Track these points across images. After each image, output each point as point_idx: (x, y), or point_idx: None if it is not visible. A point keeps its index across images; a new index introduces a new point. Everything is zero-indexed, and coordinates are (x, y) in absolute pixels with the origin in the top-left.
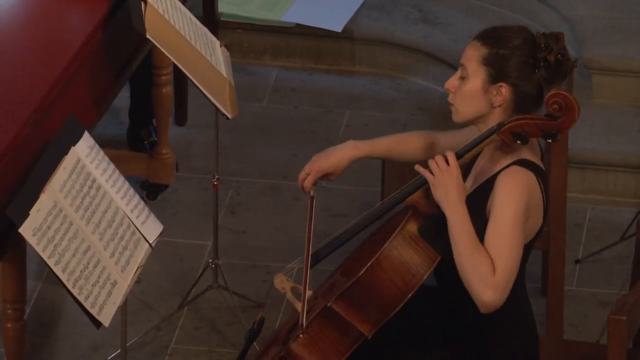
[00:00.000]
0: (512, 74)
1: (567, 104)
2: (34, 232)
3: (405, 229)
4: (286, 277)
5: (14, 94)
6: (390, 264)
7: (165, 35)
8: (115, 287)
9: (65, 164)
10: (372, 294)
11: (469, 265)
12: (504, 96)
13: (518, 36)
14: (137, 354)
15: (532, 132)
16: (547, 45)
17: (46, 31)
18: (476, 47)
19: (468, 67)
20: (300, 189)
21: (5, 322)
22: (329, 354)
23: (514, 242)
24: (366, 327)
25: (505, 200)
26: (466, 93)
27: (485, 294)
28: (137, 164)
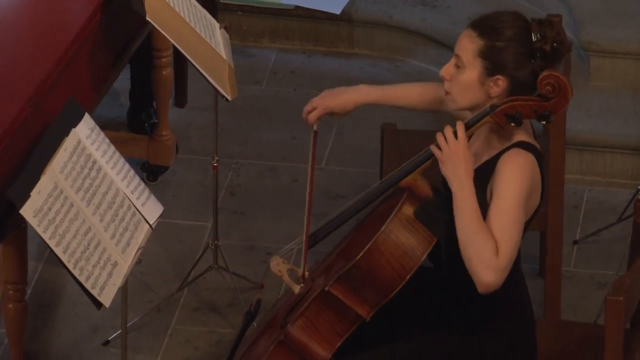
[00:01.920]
0: (509, 66)
1: (560, 85)
2: (35, 214)
3: (402, 212)
4: (282, 259)
5: (14, 75)
6: (388, 247)
7: (164, 17)
8: (116, 268)
9: (65, 145)
10: (369, 277)
11: (472, 244)
12: (501, 87)
13: (513, 26)
14: (137, 335)
15: (525, 114)
16: (543, 35)
17: (46, 13)
18: (471, 39)
19: (463, 58)
20: (305, 120)
21: (6, 302)
22: (327, 336)
23: (517, 223)
24: (364, 309)
25: (510, 181)
26: (462, 83)
27: (487, 276)
28: (137, 145)
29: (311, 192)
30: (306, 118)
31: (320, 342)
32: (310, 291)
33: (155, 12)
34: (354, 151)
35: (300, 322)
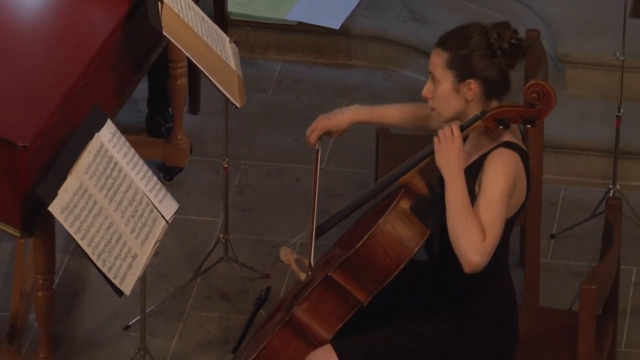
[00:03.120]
0: (476, 69)
1: (544, 93)
2: (62, 210)
3: (399, 206)
4: (290, 250)
5: (44, 85)
6: (385, 237)
7: (179, 32)
8: (135, 260)
9: (90, 148)
10: (368, 265)
11: (461, 227)
12: (474, 90)
13: (473, 34)
14: (154, 320)
15: (513, 118)
16: (500, 35)
17: (73, 28)
18: (438, 54)
19: (436, 73)
20: (307, 141)
21: (36, 291)
22: (329, 318)
23: (501, 213)
24: (362, 294)
25: (495, 176)
26: (441, 96)
27: (473, 256)
28: (154, 148)
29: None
30: (308, 139)
31: (322, 323)
32: (314, 278)
33: (171, 27)
34: (352, 153)
35: (304, 305)
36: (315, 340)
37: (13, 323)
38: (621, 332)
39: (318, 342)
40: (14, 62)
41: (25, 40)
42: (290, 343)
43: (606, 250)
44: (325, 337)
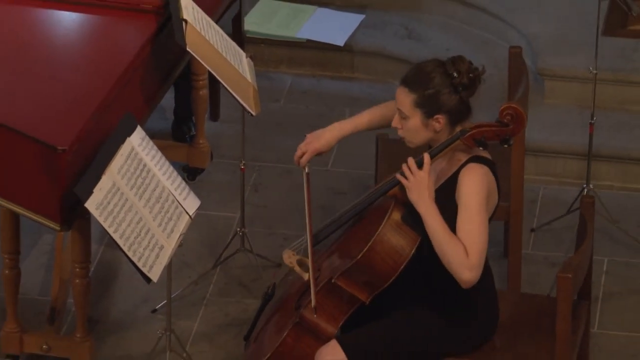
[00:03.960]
0: (442, 106)
1: (517, 114)
2: (97, 207)
3: (392, 218)
4: (292, 251)
5: (81, 95)
6: (382, 247)
7: (202, 48)
8: (162, 250)
9: (122, 151)
10: (368, 272)
11: (447, 253)
12: (442, 123)
13: (434, 72)
14: (179, 304)
15: (490, 137)
16: (459, 71)
17: (107, 45)
18: (405, 94)
19: (404, 110)
20: (297, 164)
21: (74, 278)
22: (334, 315)
23: (482, 225)
24: (364, 295)
25: (470, 191)
26: (410, 130)
27: (464, 274)
28: (179, 151)
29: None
30: (298, 162)
31: (328, 320)
32: (318, 279)
33: (194, 44)
34: (354, 156)
35: (311, 306)
36: (323, 335)
37: (53, 307)
38: (594, 315)
39: (325, 336)
40: (55, 75)
41: (65, 55)
42: (302, 340)
43: (580, 242)
44: (331, 332)
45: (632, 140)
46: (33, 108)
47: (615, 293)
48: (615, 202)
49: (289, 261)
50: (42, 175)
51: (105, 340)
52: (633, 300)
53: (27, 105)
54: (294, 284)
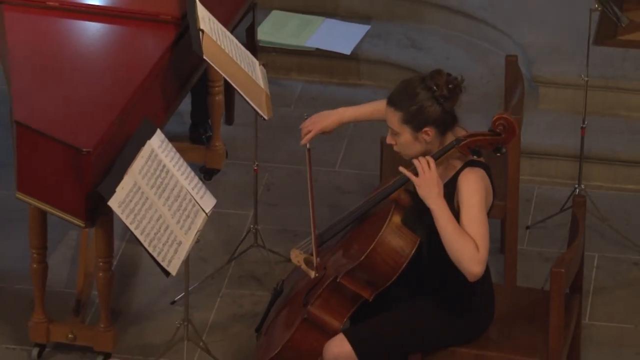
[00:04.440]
0: (428, 118)
1: (509, 124)
2: (119, 205)
3: (392, 221)
4: (299, 251)
5: (104, 101)
6: (383, 249)
7: (217, 56)
8: (180, 246)
9: (142, 153)
10: (371, 272)
11: (459, 247)
12: (431, 134)
13: (417, 90)
14: (196, 297)
15: (484, 146)
16: (438, 85)
17: (129, 53)
18: (392, 113)
19: (394, 128)
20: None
21: (97, 272)
22: (339, 311)
23: (484, 222)
24: (367, 293)
25: (471, 193)
26: (403, 144)
27: (475, 268)
28: (196, 153)
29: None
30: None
31: (333, 316)
32: (324, 277)
33: (211, 53)
34: (360, 157)
35: (318, 303)
36: (329, 330)
37: (78, 299)
38: (585, 308)
39: (332, 331)
40: (80, 82)
41: (90, 63)
42: (309, 334)
43: (573, 239)
44: (337, 326)
45: (621, 143)
46: (60, 113)
47: (605, 287)
48: (605, 201)
49: (296, 260)
50: (68, 175)
51: (127, 330)
52: (622, 294)
53: (55, 110)
54: (302, 281)
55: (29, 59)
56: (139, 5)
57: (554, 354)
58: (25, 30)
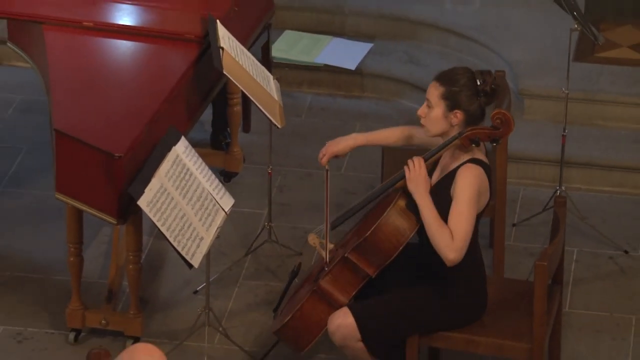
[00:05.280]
0: (463, 103)
1: (506, 119)
2: (147, 204)
3: (397, 204)
4: (316, 235)
5: (135, 110)
6: (387, 227)
7: (236, 71)
8: (202, 241)
9: (168, 158)
10: (375, 248)
11: (436, 236)
12: (459, 118)
13: (463, 76)
14: (216, 286)
15: (482, 138)
16: (484, 80)
17: (157, 68)
18: (435, 87)
19: (431, 100)
20: (319, 162)
21: (128, 264)
22: (346, 287)
23: (470, 217)
24: (371, 269)
25: (463, 188)
26: (432, 118)
27: (449, 254)
28: (217, 158)
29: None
30: (320, 160)
31: (341, 291)
32: (334, 257)
33: (230, 68)
34: (364, 162)
35: (327, 278)
36: (336, 304)
37: (110, 288)
38: (565, 297)
39: (338, 305)
40: (113, 94)
41: (122, 77)
42: (317, 307)
43: (554, 235)
44: (343, 301)
45: (597, 150)
46: (95, 121)
47: (583, 278)
48: (584, 201)
49: (312, 242)
50: (101, 177)
51: (154, 316)
52: (598, 285)
53: (90, 119)
54: (317, 265)
55: (67, 73)
56: (165, 26)
57: (538, 339)
58: (63, 48)
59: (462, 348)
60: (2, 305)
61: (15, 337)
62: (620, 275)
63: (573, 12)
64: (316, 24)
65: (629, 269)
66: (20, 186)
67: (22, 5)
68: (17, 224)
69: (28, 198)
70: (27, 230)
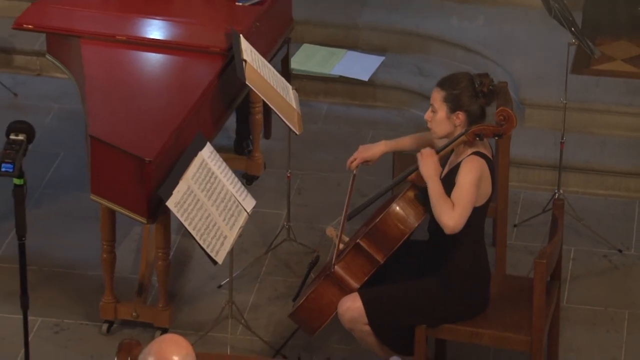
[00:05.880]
0: (463, 105)
1: (509, 116)
2: (175, 205)
3: (407, 194)
4: (333, 227)
5: (163, 118)
6: (396, 215)
7: (258, 82)
8: (226, 239)
9: (195, 162)
10: (383, 234)
11: (438, 205)
12: (461, 119)
13: (463, 79)
14: (238, 281)
15: (487, 134)
16: (481, 82)
17: (184, 79)
18: (437, 91)
19: (435, 105)
20: (348, 167)
21: (157, 260)
22: (357, 273)
23: (469, 195)
24: (380, 256)
25: (465, 172)
26: (437, 121)
27: (449, 222)
28: (239, 162)
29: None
30: (349, 166)
31: (352, 277)
32: (348, 245)
33: (252, 79)
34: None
35: (341, 264)
36: (347, 288)
37: (141, 283)
38: (563, 292)
39: (349, 290)
40: (143, 102)
41: (152, 87)
42: (330, 290)
43: (553, 235)
44: (354, 287)
45: (593, 156)
46: (127, 128)
47: (580, 275)
48: (580, 204)
49: (329, 234)
50: (133, 180)
51: (181, 309)
52: (594, 281)
53: (122, 126)
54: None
55: (101, 83)
56: (193, 39)
57: (537, 331)
58: (98, 60)
59: (467, 339)
60: (41, 299)
61: (52, 328)
62: (614, 272)
63: (571, 28)
64: (332, 38)
65: (622, 267)
66: (57, 188)
67: (61, 20)
68: (55, 224)
69: (65, 199)
70: (64, 229)
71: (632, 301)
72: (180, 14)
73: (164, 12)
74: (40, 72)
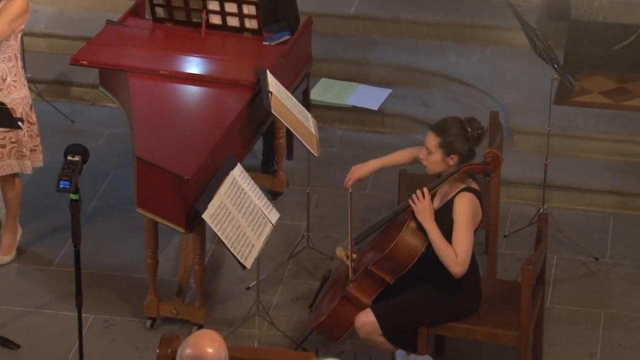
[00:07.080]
0: (456, 149)
1: (496, 158)
2: (210, 217)
3: (409, 226)
4: (342, 247)
5: (199, 142)
6: (403, 245)
7: (282, 111)
8: (254, 247)
9: (227, 180)
10: (392, 262)
11: (443, 255)
12: (455, 160)
13: (454, 126)
14: (265, 284)
15: (477, 172)
16: (472, 127)
17: (217, 108)
18: (432, 137)
19: (430, 148)
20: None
21: (194, 265)
22: (369, 291)
23: (468, 237)
24: (389, 278)
25: (461, 212)
26: (432, 162)
27: (454, 269)
28: (266, 180)
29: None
30: (346, 185)
31: (364, 295)
32: (359, 266)
33: (277, 108)
34: (384, 184)
35: (354, 285)
36: (360, 305)
37: (180, 285)
38: (547, 294)
39: (363, 306)
40: (183, 128)
41: (189, 114)
42: (346, 308)
43: (538, 245)
44: (367, 303)
45: (573, 176)
46: (168, 150)
47: (561, 279)
48: (562, 217)
49: (339, 254)
50: (173, 195)
51: (214, 307)
52: (574, 284)
53: (164, 148)
54: (343, 271)
55: (146, 111)
56: (225, 74)
57: (524, 328)
58: (143, 91)
59: (463, 336)
60: (93, 298)
61: (103, 324)
62: (591, 277)
63: (554, 65)
64: (346, 73)
65: (599, 272)
66: (108, 202)
67: (111, 57)
68: (106, 233)
69: (115, 212)
70: (114, 238)
71: (607, 302)
72: (215, 51)
73: (201, 50)
74: (94, 102)
